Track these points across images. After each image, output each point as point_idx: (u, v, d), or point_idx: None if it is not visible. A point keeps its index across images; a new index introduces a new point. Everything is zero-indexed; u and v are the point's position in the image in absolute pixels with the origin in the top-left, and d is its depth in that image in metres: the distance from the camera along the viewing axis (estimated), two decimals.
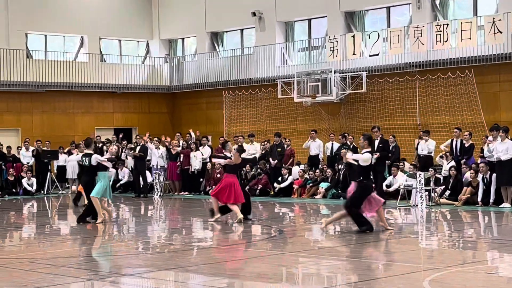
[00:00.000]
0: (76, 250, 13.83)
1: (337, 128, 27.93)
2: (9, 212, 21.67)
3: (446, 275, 10.33)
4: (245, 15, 31.45)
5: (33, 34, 32.60)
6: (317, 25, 30.83)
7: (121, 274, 11.10)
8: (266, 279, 10.47)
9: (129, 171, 27.26)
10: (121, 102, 33.65)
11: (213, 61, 32.96)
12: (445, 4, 26.83)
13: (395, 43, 26.10)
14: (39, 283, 10.23)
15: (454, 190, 20.57)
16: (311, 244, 14.39)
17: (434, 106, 26.16)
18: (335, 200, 22.83)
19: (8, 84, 30.26)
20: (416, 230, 16.33)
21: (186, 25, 34.20)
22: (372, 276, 10.46)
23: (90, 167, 17.37)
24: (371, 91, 27.52)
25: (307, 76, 28.04)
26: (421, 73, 26.36)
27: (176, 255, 13.03)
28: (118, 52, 34.85)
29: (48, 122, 31.69)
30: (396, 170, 21.97)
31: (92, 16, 33.35)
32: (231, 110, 31.74)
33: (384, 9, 28.73)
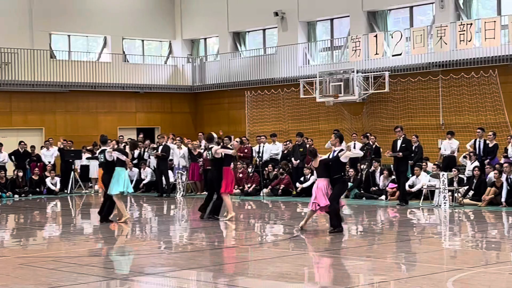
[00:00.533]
0: (99, 249, 13.91)
1: (360, 128, 27.86)
2: (33, 211, 21.83)
3: (470, 276, 10.27)
4: (267, 15, 31.46)
5: (57, 34, 32.82)
6: (340, 25, 30.78)
7: (144, 273, 11.14)
8: (288, 279, 10.47)
9: (152, 171, 27.35)
10: (144, 102, 33.78)
11: (235, 61, 33.00)
12: (469, 3, 26.67)
13: (418, 43, 25.99)
14: (62, 281, 10.30)
15: (478, 191, 20.44)
16: (333, 244, 14.36)
17: (458, 106, 26.01)
18: (358, 200, 22.77)
19: (32, 84, 30.48)
20: (439, 231, 16.25)
21: (208, 25, 34.27)
22: (395, 277, 10.42)
23: (107, 163, 17.36)
24: (394, 91, 27.41)
25: (329, 76, 27.99)
26: (444, 72, 26.22)
27: (199, 254, 13.06)
28: (141, 52, 35.00)
29: (72, 122, 31.88)
30: (419, 170, 21.86)
31: (115, 17, 33.53)
32: (253, 110, 31.76)
33: (407, 8, 28.62)
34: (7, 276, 10.84)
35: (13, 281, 10.46)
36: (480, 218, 17.98)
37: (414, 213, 19.11)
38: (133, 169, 27.52)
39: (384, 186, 22.81)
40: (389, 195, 22.31)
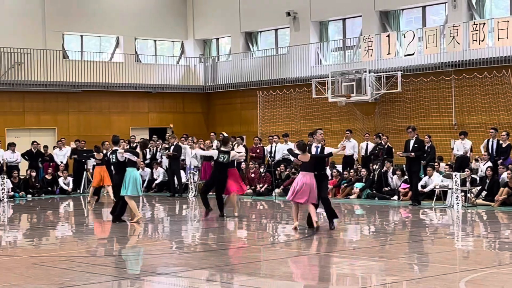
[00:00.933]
0: (112, 249, 13.95)
1: (372, 128, 27.81)
2: (46, 211, 21.92)
3: (483, 276, 10.24)
4: (279, 15, 31.46)
5: (70, 34, 32.93)
6: (352, 24, 30.74)
7: (156, 273, 11.16)
8: (301, 279, 10.46)
9: (164, 170, 27.40)
10: (156, 102, 33.85)
11: (247, 61, 33.01)
12: (482, 3, 26.57)
13: (431, 43, 25.92)
14: (75, 281, 10.33)
15: (491, 191, 20.36)
16: (345, 244, 14.35)
17: (470, 106, 25.92)
18: (370, 200, 22.74)
19: (45, 84, 30.59)
20: (451, 231, 16.21)
21: (220, 25, 34.30)
22: (408, 277, 10.40)
23: (119, 164, 17.44)
24: (406, 91, 27.34)
25: (342, 76, 27.95)
26: (457, 72, 26.13)
27: (211, 254, 13.08)
28: (153, 52, 35.07)
29: (84, 122, 31.98)
30: (431, 171, 21.80)
31: (127, 17, 33.62)
32: (265, 110, 31.76)
33: (419, 8, 28.55)
34: (20, 276, 10.89)
35: (26, 281, 10.50)
36: (493, 219, 17.92)
37: (426, 214, 19.06)
38: (145, 169, 27.59)
39: (396, 186, 22.76)
40: (402, 195, 22.26)
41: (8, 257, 12.94)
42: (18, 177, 26.42)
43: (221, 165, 18.02)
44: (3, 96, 30.01)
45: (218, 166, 18.09)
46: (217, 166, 18.20)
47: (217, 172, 18.11)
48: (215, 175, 18.20)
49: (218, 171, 18.13)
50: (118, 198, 17.69)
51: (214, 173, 18.36)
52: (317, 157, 15.45)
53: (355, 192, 23.47)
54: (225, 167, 18.04)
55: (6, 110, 30.18)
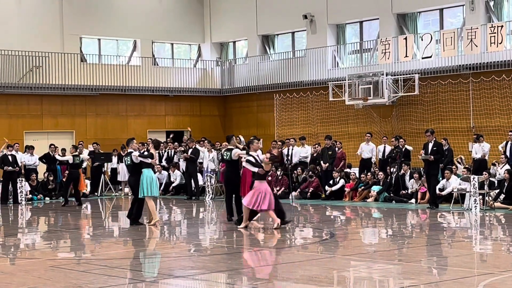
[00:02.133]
0: (130, 252, 13.99)
1: (389, 131, 27.73)
2: (63, 214, 22.01)
3: (501, 280, 10.18)
4: (296, 18, 31.45)
5: (87, 38, 33.09)
6: (369, 27, 30.68)
7: (174, 276, 11.18)
8: (318, 282, 10.45)
9: (181, 173, 27.46)
10: (173, 105, 33.93)
11: (264, 64, 33.02)
12: (500, 5, 26.45)
13: (448, 45, 25.82)
14: (93, 284, 10.37)
15: (509, 194, 20.24)
16: (363, 247, 14.31)
17: (488, 108, 25.79)
18: (387, 203, 22.68)
19: (63, 87, 30.75)
20: (470, 234, 16.13)
21: (237, 28, 34.35)
22: (425, 280, 10.36)
23: (134, 166, 17.46)
24: (424, 94, 27.26)
25: (359, 78, 27.91)
26: (475, 75, 26.02)
27: (228, 257, 13.09)
28: (170, 56, 35.16)
29: (102, 125, 32.11)
30: (449, 174, 21.72)
31: (144, 20, 33.73)
32: (282, 113, 31.76)
33: (437, 11, 28.45)
34: (39, 278, 10.94)
35: (44, 283, 10.55)
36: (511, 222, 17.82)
37: (444, 217, 18.98)
38: (162, 172, 27.66)
39: (414, 190, 22.68)
40: (419, 199, 22.18)
41: (27, 260, 13.01)
42: (36, 180, 26.56)
43: (226, 163, 18.11)
44: (21, 100, 30.19)
45: (226, 165, 18.41)
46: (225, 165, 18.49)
47: (226, 170, 18.14)
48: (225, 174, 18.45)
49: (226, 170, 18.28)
50: (133, 201, 17.71)
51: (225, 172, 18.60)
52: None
53: (372, 195, 23.41)
54: (231, 164, 17.74)
55: (24, 113, 30.36)
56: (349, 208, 22.09)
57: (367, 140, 25.54)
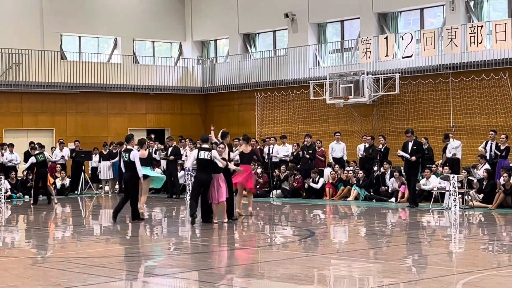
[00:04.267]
0: (110, 250, 13.94)
1: (370, 130, 27.83)
2: (43, 212, 21.89)
3: (480, 279, 10.25)
4: (277, 17, 31.47)
5: (68, 35, 32.93)
6: (350, 26, 30.76)
7: (154, 275, 11.16)
8: (298, 280, 10.47)
9: (162, 172, 27.38)
10: (154, 103, 33.85)
11: (245, 63, 33.02)
12: (480, 5, 26.61)
13: (429, 45, 25.94)
14: (72, 282, 10.33)
15: (488, 193, 20.38)
16: (342, 246, 14.36)
17: (468, 108, 25.95)
18: (367, 202, 22.75)
19: (43, 85, 30.58)
20: (449, 233, 16.22)
21: (218, 27, 34.31)
22: (405, 279, 10.40)
23: (131, 163, 17.63)
24: (404, 93, 27.37)
25: (340, 77, 27.97)
26: (455, 75, 26.16)
27: (208, 256, 13.08)
28: (151, 54, 35.07)
29: (82, 123, 31.98)
30: (429, 173, 21.82)
31: (125, 18, 33.62)
32: (263, 112, 31.77)
33: (417, 10, 28.58)
34: (18, 277, 10.88)
35: (24, 282, 10.50)
36: (490, 221, 17.93)
37: (424, 216, 19.07)
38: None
39: (394, 188, 22.77)
40: (399, 198, 22.27)
41: (6, 258, 12.93)
42: (16, 178, 26.40)
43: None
44: (1, 97, 30.00)
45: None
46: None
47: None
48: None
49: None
50: (125, 198, 18.04)
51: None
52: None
53: (353, 194, 23.47)
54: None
55: (3, 111, 30.17)
56: (329, 206, 22.14)
57: (337, 139, 25.65)
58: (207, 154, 16.92)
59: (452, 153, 22.95)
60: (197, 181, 17.21)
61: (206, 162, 16.91)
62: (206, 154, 16.92)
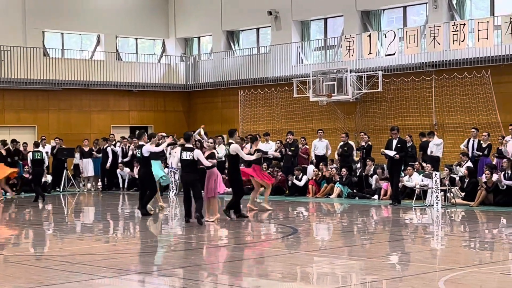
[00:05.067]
0: (92, 248, 13.89)
1: (353, 128, 27.90)
2: (25, 209, 21.78)
3: (461, 276, 10.30)
4: (261, 14, 31.46)
5: (50, 32, 32.76)
6: (333, 24, 30.81)
7: (136, 272, 11.13)
8: (281, 278, 10.48)
9: None
10: (137, 101, 33.76)
11: (229, 60, 32.99)
12: (462, 3, 26.73)
13: (412, 43, 26.02)
14: (54, 280, 10.29)
15: (470, 191, 20.48)
16: (325, 243, 14.38)
17: (450, 106, 26.08)
18: (350, 199, 22.80)
19: (25, 82, 30.42)
20: (431, 230, 16.29)
21: (202, 24, 34.26)
22: (387, 276, 10.44)
23: (143, 158, 17.97)
24: (387, 91, 27.45)
25: (323, 75, 28.01)
26: (438, 72, 26.27)
27: (191, 253, 13.07)
28: (135, 51, 34.97)
29: (65, 120, 31.84)
30: (411, 170, 21.90)
31: (108, 15, 33.50)
32: (247, 109, 31.77)
33: (400, 8, 28.67)
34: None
35: (5, 279, 10.44)
36: (472, 218, 18.03)
37: (406, 213, 19.14)
38: (124, 168, 27.57)
39: (377, 186, 22.83)
40: (382, 195, 22.33)
41: None
42: None
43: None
44: None
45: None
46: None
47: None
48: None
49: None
50: (141, 194, 18.43)
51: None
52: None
53: (336, 191, 23.51)
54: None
55: None
56: (312, 204, 22.17)
57: (320, 136, 25.67)
58: (189, 154, 16.51)
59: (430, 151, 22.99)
60: (182, 182, 17.12)
61: (188, 163, 16.53)
62: (188, 155, 16.52)
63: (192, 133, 18.08)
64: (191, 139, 17.10)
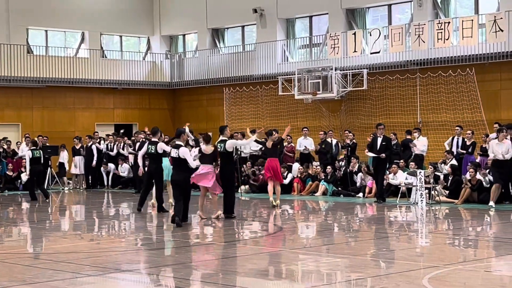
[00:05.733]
0: (76, 246, 13.83)
1: (338, 125, 27.94)
2: (8, 207, 21.67)
3: (446, 273, 10.33)
4: (246, 12, 31.43)
5: (34, 29, 32.59)
6: (318, 22, 30.83)
7: (121, 270, 11.09)
8: (266, 276, 10.47)
9: (129, 167, 27.27)
10: (122, 98, 33.65)
11: (214, 58, 32.95)
12: (447, 2, 26.81)
13: (396, 41, 26.08)
14: (38, 278, 10.23)
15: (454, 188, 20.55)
16: (310, 241, 14.39)
17: (435, 104, 26.15)
18: (335, 197, 22.84)
19: (9, 79, 30.25)
20: (416, 228, 16.33)
21: (187, 21, 34.19)
22: (372, 274, 10.45)
23: (157, 155, 18.25)
24: (372, 89, 27.50)
25: (308, 73, 28.02)
26: (422, 71, 26.34)
27: (176, 251, 13.04)
28: (119, 48, 34.85)
29: (49, 117, 31.69)
30: (396, 168, 21.95)
31: (93, 12, 33.36)
32: (232, 107, 31.73)
33: (385, 6, 28.72)
34: None
35: None
36: (456, 216, 18.10)
37: (391, 211, 19.18)
38: (108, 165, 27.51)
39: (362, 184, 22.87)
40: (367, 193, 22.37)
41: None
42: None
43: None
44: None
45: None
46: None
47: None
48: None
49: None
50: (146, 188, 18.96)
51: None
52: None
53: (321, 189, 23.54)
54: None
55: None
56: (297, 201, 22.18)
57: (305, 134, 25.70)
58: (175, 152, 16.09)
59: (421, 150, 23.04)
60: (171, 182, 16.54)
61: (179, 161, 15.99)
62: (174, 152, 16.11)
63: (184, 130, 17.71)
64: (182, 136, 16.47)
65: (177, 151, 15.97)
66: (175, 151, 16.03)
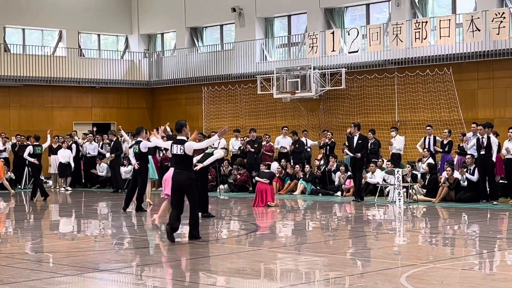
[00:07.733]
0: (54, 246, 13.76)
1: (316, 125, 28.01)
2: None
3: (423, 271, 10.38)
4: (225, 11, 31.41)
5: (11, 28, 32.36)
6: (297, 21, 30.88)
7: (98, 270, 11.05)
8: (244, 274, 10.47)
9: (107, 166, 27.17)
10: (100, 97, 33.51)
11: (192, 57, 32.89)
12: (424, 1, 26.95)
13: (374, 40, 26.18)
14: (15, 278, 10.16)
15: (432, 187, 20.68)
16: (289, 239, 14.41)
17: (413, 103, 26.29)
18: (313, 196, 22.89)
19: None
20: (393, 227, 16.41)
21: (165, 20, 34.10)
22: (350, 272, 10.49)
23: (140, 154, 18.34)
24: (350, 88, 27.59)
25: (287, 72, 28.06)
26: (400, 70, 26.46)
27: (154, 250, 13.01)
28: (97, 47, 34.69)
29: (26, 116, 31.49)
30: (374, 167, 22.04)
31: (70, 10, 33.17)
32: (210, 106, 31.70)
33: (363, 6, 28.82)
34: None
35: None
36: (434, 214, 18.20)
37: (369, 209, 19.26)
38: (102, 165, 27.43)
39: (340, 183, 22.94)
40: (345, 192, 22.45)
41: None
42: None
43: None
44: None
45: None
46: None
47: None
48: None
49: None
50: (133, 187, 18.91)
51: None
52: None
53: (299, 188, 23.58)
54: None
55: None
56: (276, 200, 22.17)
57: (284, 133, 25.74)
58: (179, 148, 13.36)
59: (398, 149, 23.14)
60: (172, 184, 13.49)
61: (180, 158, 13.37)
62: (179, 148, 13.38)
63: (185, 122, 14.19)
64: (183, 130, 13.74)
65: (182, 147, 13.29)
66: (179, 147, 13.35)
